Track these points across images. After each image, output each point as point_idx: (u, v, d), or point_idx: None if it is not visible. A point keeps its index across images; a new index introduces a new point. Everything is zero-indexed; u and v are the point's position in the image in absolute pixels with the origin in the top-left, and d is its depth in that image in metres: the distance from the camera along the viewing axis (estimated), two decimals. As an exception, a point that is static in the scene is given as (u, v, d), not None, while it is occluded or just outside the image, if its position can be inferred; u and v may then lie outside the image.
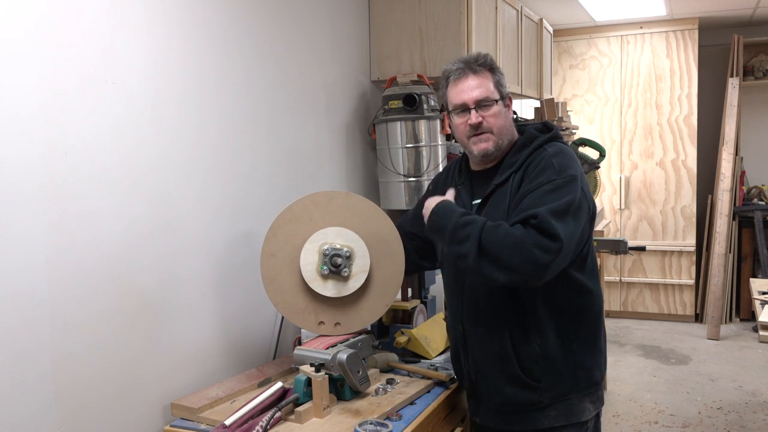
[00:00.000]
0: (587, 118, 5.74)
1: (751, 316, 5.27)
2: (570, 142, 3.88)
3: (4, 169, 1.42)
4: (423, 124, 2.72)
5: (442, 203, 1.71)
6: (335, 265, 1.90)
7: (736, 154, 5.41)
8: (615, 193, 5.70)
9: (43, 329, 1.51)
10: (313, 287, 1.91)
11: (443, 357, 2.14)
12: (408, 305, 2.21)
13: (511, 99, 1.83)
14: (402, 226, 2.06)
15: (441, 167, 2.75)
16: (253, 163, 2.19)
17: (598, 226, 4.10)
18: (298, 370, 1.77)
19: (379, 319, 2.00)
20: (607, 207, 5.70)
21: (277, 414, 1.64)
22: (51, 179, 1.52)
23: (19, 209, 1.45)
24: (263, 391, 1.75)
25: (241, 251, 2.13)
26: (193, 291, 1.94)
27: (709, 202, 5.65)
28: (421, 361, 2.10)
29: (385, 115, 2.77)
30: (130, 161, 1.72)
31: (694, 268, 5.56)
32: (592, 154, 3.75)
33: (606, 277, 5.60)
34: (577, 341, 1.73)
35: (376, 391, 1.83)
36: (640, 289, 5.72)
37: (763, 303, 2.92)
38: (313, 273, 1.91)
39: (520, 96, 3.88)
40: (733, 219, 5.42)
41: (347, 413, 1.70)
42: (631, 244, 3.62)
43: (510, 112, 1.82)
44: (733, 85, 5.42)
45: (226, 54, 2.07)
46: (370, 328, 2.06)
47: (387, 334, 2.21)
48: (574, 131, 4.68)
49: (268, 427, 1.60)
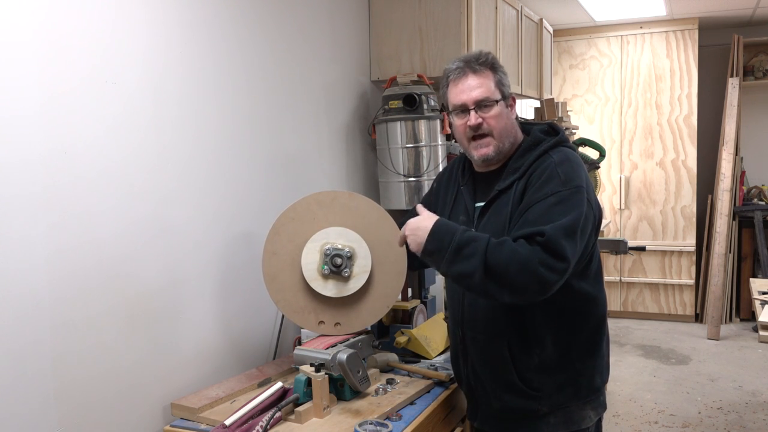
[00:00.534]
0: (587, 118, 5.74)
1: (751, 316, 5.27)
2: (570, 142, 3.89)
3: (4, 170, 1.42)
4: (423, 124, 2.72)
5: (441, 222, 1.59)
6: (336, 265, 1.90)
7: (736, 154, 5.41)
8: (615, 193, 5.70)
9: (43, 329, 1.51)
10: (314, 287, 1.91)
11: (443, 357, 2.14)
12: (408, 305, 2.21)
13: (515, 99, 1.77)
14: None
15: (441, 167, 2.75)
16: (252, 163, 2.19)
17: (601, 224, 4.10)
18: (298, 370, 1.77)
19: (379, 319, 2.00)
20: (607, 207, 5.69)
21: (277, 414, 1.64)
22: (51, 180, 1.52)
23: (19, 210, 1.45)
24: (263, 391, 1.75)
25: (241, 251, 2.13)
26: (193, 291, 1.94)
27: (709, 202, 5.65)
28: (421, 361, 2.10)
29: (385, 115, 2.77)
30: (130, 161, 1.72)
31: (694, 268, 5.55)
32: (592, 154, 3.76)
33: (606, 277, 5.60)
34: (577, 349, 1.69)
35: (376, 391, 1.83)
36: (640, 289, 5.72)
37: (763, 303, 2.92)
38: (314, 272, 1.91)
39: (520, 96, 3.88)
40: (733, 219, 5.42)
41: (347, 413, 1.70)
42: (631, 244, 3.62)
43: (513, 113, 1.75)
44: (733, 85, 5.42)
45: (226, 55, 2.07)
46: (370, 328, 2.06)
47: (387, 334, 2.21)
48: (574, 131, 4.68)
49: (268, 427, 1.60)
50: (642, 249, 3.92)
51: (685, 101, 5.46)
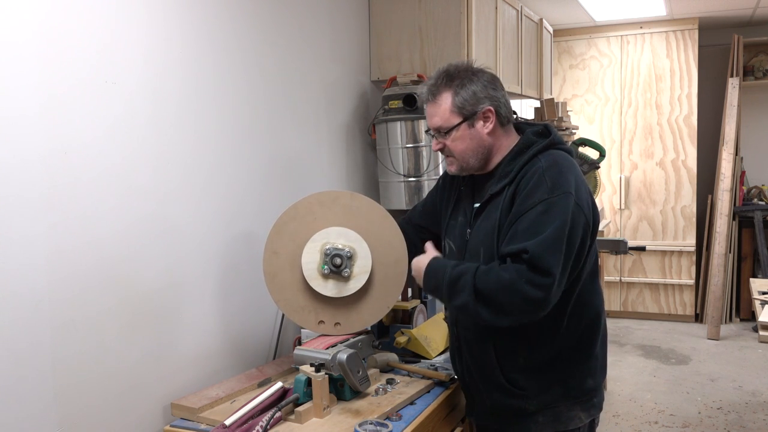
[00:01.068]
0: (587, 118, 5.74)
1: (751, 316, 5.27)
2: (570, 142, 3.88)
3: (4, 170, 1.42)
4: (423, 124, 2.71)
5: (432, 262, 1.72)
6: (335, 265, 1.90)
7: (736, 154, 5.41)
8: (615, 193, 5.70)
9: (43, 330, 1.51)
10: (314, 286, 1.91)
11: (443, 357, 2.14)
12: (408, 305, 2.21)
13: (491, 110, 1.70)
14: (411, 218, 2.06)
15: (441, 167, 2.75)
16: (252, 163, 2.19)
17: (599, 227, 4.09)
18: (298, 370, 1.77)
19: (379, 320, 2.00)
20: (607, 207, 5.69)
21: (277, 414, 1.64)
22: (51, 180, 1.52)
23: (19, 210, 1.45)
24: (263, 391, 1.75)
25: (241, 252, 2.13)
26: (193, 291, 1.94)
27: (709, 202, 5.65)
28: (421, 361, 2.10)
29: (385, 115, 2.77)
30: (130, 162, 1.72)
31: (694, 268, 5.55)
32: (592, 154, 3.75)
33: (606, 277, 5.60)
34: (567, 351, 1.70)
35: (376, 391, 1.83)
36: (640, 289, 5.72)
37: (763, 303, 2.92)
38: (314, 272, 1.92)
39: (520, 96, 3.88)
40: (733, 219, 5.42)
41: (347, 413, 1.70)
42: (631, 244, 3.62)
43: (484, 128, 1.71)
44: (733, 85, 5.42)
45: (226, 55, 2.07)
46: (370, 328, 2.06)
47: (387, 334, 2.21)
48: (574, 131, 4.68)
49: (268, 427, 1.60)
50: (642, 249, 3.91)
51: (685, 101, 5.46)
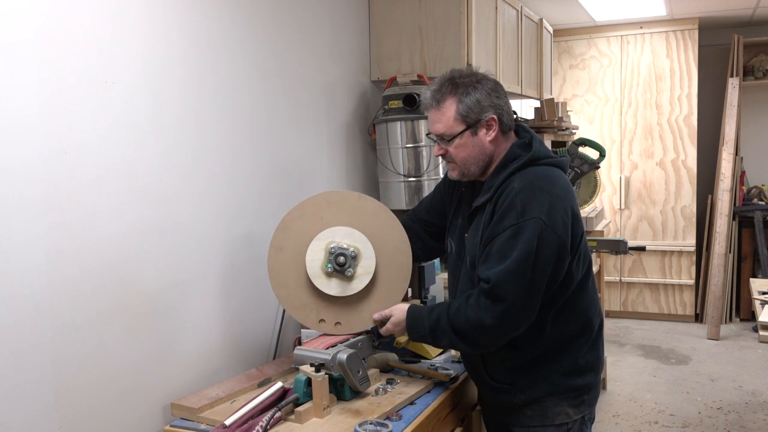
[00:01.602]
0: (587, 118, 5.74)
1: (751, 316, 5.27)
2: (570, 142, 3.88)
3: (5, 171, 1.42)
4: (423, 124, 2.72)
5: (408, 317, 1.79)
6: (339, 263, 1.91)
7: (736, 154, 5.41)
8: (615, 193, 5.70)
9: (43, 330, 1.51)
10: (317, 284, 1.92)
11: (443, 357, 2.14)
12: (408, 305, 2.21)
13: (495, 119, 1.72)
14: (417, 213, 2.08)
15: (441, 167, 2.75)
16: (253, 163, 2.19)
17: (599, 226, 4.09)
18: (298, 370, 1.77)
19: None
20: (607, 207, 5.69)
21: (277, 414, 1.64)
22: (51, 180, 1.52)
23: (19, 210, 1.45)
24: (263, 391, 1.75)
25: (241, 252, 2.13)
26: (193, 292, 1.94)
27: (709, 202, 5.65)
28: (421, 361, 2.10)
29: (385, 115, 2.77)
30: (131, 162, 1.72)
31: (694, 268, 5.55)
32: (592, 154, 3.75)
33: (606, 277, 5.59)
34: (553, 352, 1.75)
35: (376, 391, 1.83)
36: (640, 289, 5.72)
37: (763, 303, 2.92)
38: (318, 270, 1.92)
39: (520, 96, 3.88)
40: (733, 219, 5.42)
41: (347, 413, 1.70)
42: (631, 244, 3.61)
43: (487, 136, 1.73)
44: (733, 85, 5.42)
45: (226, 55, 2.07)
46: (370, 328, 2.06)
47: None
48: (574, 131, 4.68)
49: (268, 427, 1.60)
50: (642, 249, 3.91)
51: (685, 101, 5.45)
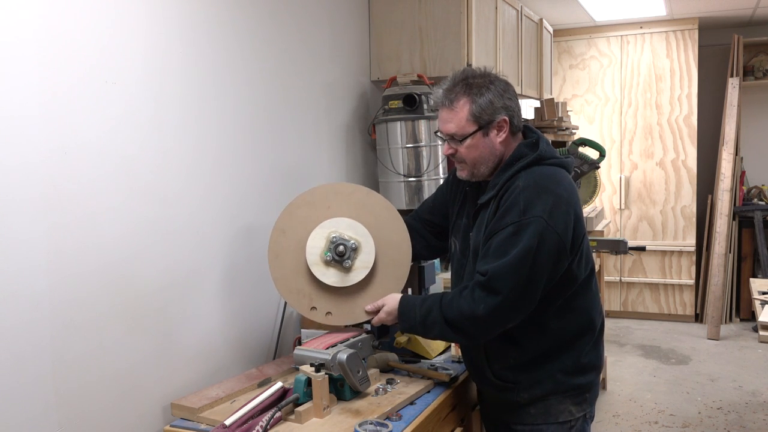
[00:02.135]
0: (587, 118, 5.74)
1: (751, 316, 5.27)
2: (570, 142, 3.88)
3: (5, 171, 1.42)
4: (423, 124, 2.72)
5: (401, 306, 1.79)
6: (339, 254, 1.91)
7: (736, 154, 5.41)
8: (615, 193, 5.69)
9: (43, 330, 1.51)
10: (314, 271, 1.92)
11: (443, 357, 2.14)
12: (408, 305, 2.21)
13: (506, 120, 1.73)
14: (420, 213, 2.09)
15: (441, 167, 2.76)
16: (253, 162, 2.19)
17: (599, 226, 4.09)
18: (298, 370, 1.77)
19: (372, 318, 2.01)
20: (607, 207, 5.69)
21: (277, 414, 1.64)
22: (51, 180, 1.52)
23: (19, 210, 1.45)
24: (263, 391, 1.75)
25: (241, 252, 2.13)
26: (193, 292, 1.94)
27: (709, 202, 5.65)
28: (421, 361, 2.10)
29: (385, 115, 2.77)
30: (131, 162, 1.72)
31: (694, 268, 5.55)
32: (592, 154, 3.74)
33: (606, 277, 5.59)
34: (556, 351, 1.76)
35: (376, 391, 1.83)
36: (640, 289, 5.72)
37: (763, 303, 2.92)
38: (317, 257, 1.93)
39: (520, 96, 3.87)
40: (733, 219, 5.41)
41: (347, 413, 1.70)
42: (631, 244, 3.61)
43: (498, 137, 1.74)
44: (733, 85, 5.42)
45: (226, 55, 2.07)
46: (370, 328, 2.06)
47: (387, 334, 2.20)
48: (574, 131, 4.67)
49: (268, 427, 1.60)
50: (642, 249, 3.90)
51: (685, 101, 5.45)
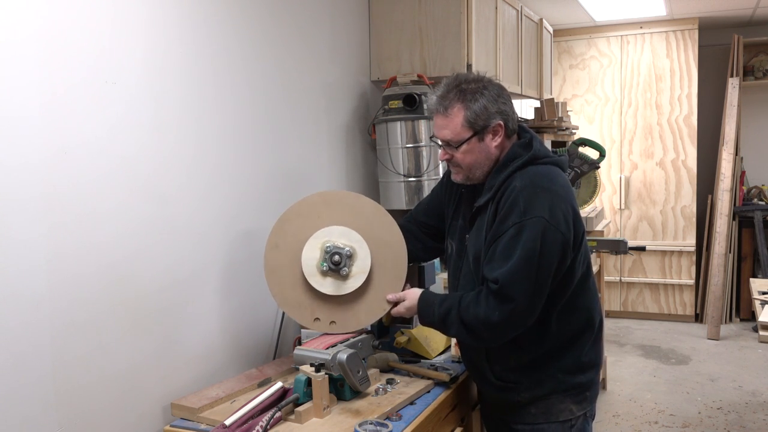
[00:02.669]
0: (587, 118, 5.74)
1: (751, 316, 5.27)
2: (570, 142, 3.88)
3: (5, 171, 1.42)
4: (423, 124, 2.72)
5: (422, 297, 1.82)
6: (334, 262, 1.91)
7: (736, 154, 5.41)
8: (615, 193, 5.70)
9: (43, 331, 1.51)
10: (311, 282, 1.92)
11: (443, 357, 2.14)
12: (408, 305, 2.20)
13: (501, 125, 1.74)
14: (415, 216, 2.09)
15: (441, 167, 2.75)
16: (253, 162, 2.19)
17: (599, 226, 4.09)
18: (298, 370, 1.77)
19: (379, 319, 2.00)
20: (607, 207, 5.69)
21: (277, 414, 1.64)
22: (51, 180, 1.52)
23: (19, 211, 1.45)
24: (263, 391, 1.75)
25: (241, 252, 2.13)
26: (193, 292, 1.94)
27: (709, 202, 5.65)
28: (421, 361, 2.10)
29: (385, 115, 2.77)
30: (131, 162, 1.72)
31: (694, 268, 5.55)
32: (592, 154, 3.75)
33: (606, 277, 5.59)
34: (557, 350, 1.77)
35: (376, 391, 1.83)
36: (640, 289, 5.72)
37: (763, 303, 2.92)
38: (313, 268, 1.92)
39: (520, 96, 3.88)
40: (733, 219, 5.41)
41: (347, 413, 1.70)
42: (631, 244, 3.61)
43: (493, 141, 1.75)
44: (733, 85, 5.42)
45: (226, 55, 2.07)
46: (370, 328, 2.06)
47: (387, 334, 2.20)
48: (574, 131, 4.67)
49: (268, 427, 1.60)
50: (642, 249, 3.91)
51: (685, 101, 5.45)
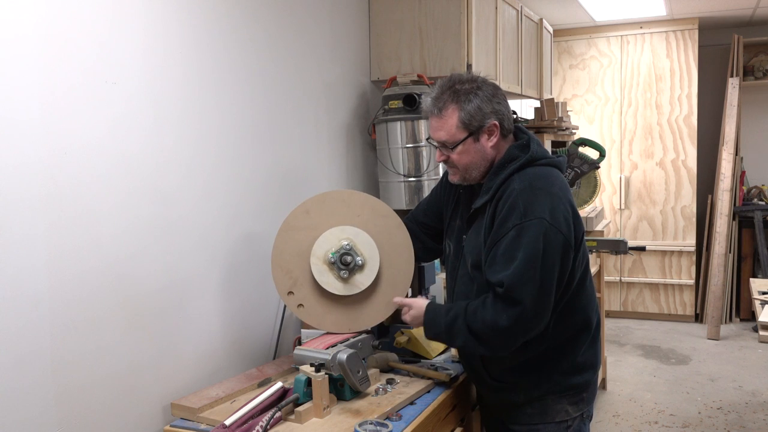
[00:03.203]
0: (587, 118, 5.74)
1: (751, 316, 5.27)
2: (570, 142, 3.88)
3: (4, 171, 1.42)
4: (423, 124, 2.72)
5: (428, 308, 1.80)
6: (343, 262, 1.93)
7: (736, 154, 5.41)
8: (615, 193, 5.70)
9: (43, 330, 1.51)
10: (311, 262, 1.94)
11: (443, 357, 2.14)
12: (408, 305, 2.21)
13: (496, 125, 1.75)
14: (415, 216, 2.09)
15: (441, 167, 2.75)
16: (253, 162, 2.19)
17: (599, 226, 4.09)
18: (298, 370, 1.77)
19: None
20: (607, 207, 5.69)
21: (277, 414, 1.64)
22: (51, 180, 1.52)
23: (19, 210, 1.45)
24: (263, 391, 1.75)
25: (241, 252, 2.13)
26: (193, 292, 1.94)
27: (709, 202, 5.65)
28: (421, 361, 2.09)
29: (385, 115, 2.77)
30: (131, 162, 1.72)
31: (694, 268, 5.55)
32: (592, 154, 3.75)
33: (606, 277, 5.58)
34: (553, 351, 1.77)
35: (376, 391, 1.83)
36: (640, 289, 5.72)
37: (763, 303, 2.92)
38: (321, 252, 1.95)
39: (520, 96, 3.88)
40: (733, 219, 5.41)
41: (347, 413, 1.70)
42: (631, 244, 3.61)
43: (489, 141, 1.75)
44: (733, 85, 5.42)
45: (226, 54, 2.07)
46: (369, 328, 2.06)
47: (387, 334, 2.20)
48: (574, 131, 4.67)
49: (268, 427, 1.60)
50: (642, 249, 3.90)
51: (685, 101, 5.45)
